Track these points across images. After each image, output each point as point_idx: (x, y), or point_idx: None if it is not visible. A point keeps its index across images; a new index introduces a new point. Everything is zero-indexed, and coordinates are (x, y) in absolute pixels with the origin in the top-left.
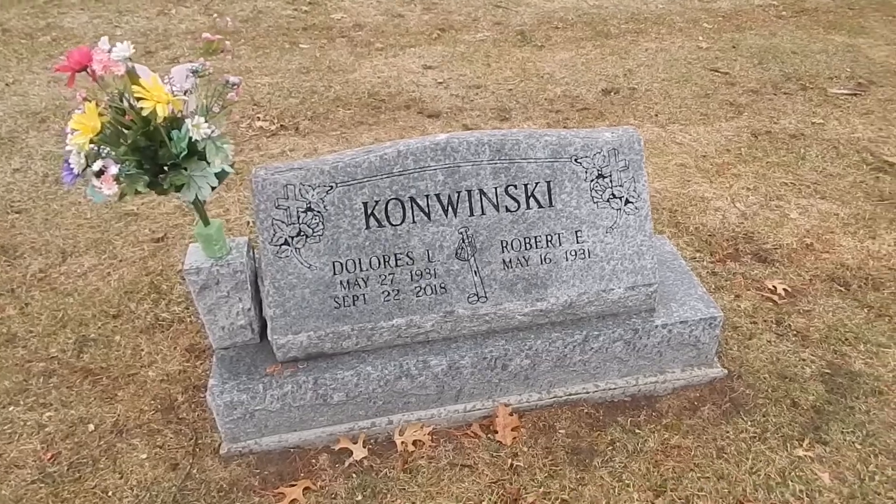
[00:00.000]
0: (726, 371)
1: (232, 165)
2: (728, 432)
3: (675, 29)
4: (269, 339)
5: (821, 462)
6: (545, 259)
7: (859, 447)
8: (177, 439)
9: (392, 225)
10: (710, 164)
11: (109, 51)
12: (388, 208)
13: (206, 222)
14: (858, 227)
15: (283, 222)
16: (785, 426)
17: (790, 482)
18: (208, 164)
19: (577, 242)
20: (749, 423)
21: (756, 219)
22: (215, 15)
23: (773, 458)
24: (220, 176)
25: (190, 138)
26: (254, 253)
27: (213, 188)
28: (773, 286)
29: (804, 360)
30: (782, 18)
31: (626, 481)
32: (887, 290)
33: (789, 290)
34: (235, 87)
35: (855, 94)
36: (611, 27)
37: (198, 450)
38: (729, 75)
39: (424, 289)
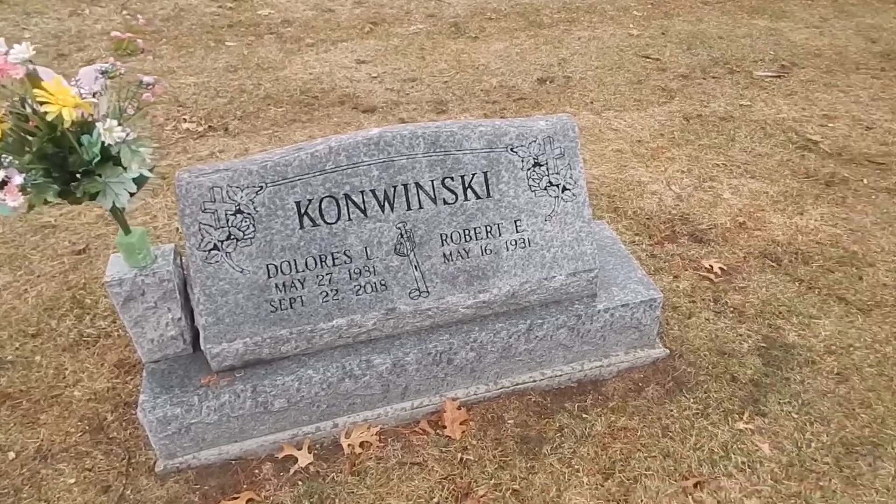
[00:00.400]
0: (668, 351)
1: (152, 170)
2: (672, 411)
3: (606, 17)
4: (203, 348)
5: (761, 433)
6: (486, 250)
7: (796, 416)
8: (108, 460)
9: (327, 223)
10: (646, 148)
11: (6, 53)
12: (323, 207)
13: (127, 231)
14: (787, 204)
15: (210, 226)
16: (725, 401)
17: (733, 455)
18: (124, 169)
19: (517, 232)
20: (692, 400)
21: (691, 200)
22: (126, 13)
23: (716, 433)
24: (139, 181)
25: (103, 143)
26: (181, 260)
27: (131, 194)
28: (710, 265)
29: (741, 335)
30: (708, 4)
31: (576, 466)
32: (816, 263)
33: (725, 268)
34: (151, 87)
35: (779, 77)
36: (543, 17)
37: (131, 469)
38: (660, 61)
39: (364, 287)
